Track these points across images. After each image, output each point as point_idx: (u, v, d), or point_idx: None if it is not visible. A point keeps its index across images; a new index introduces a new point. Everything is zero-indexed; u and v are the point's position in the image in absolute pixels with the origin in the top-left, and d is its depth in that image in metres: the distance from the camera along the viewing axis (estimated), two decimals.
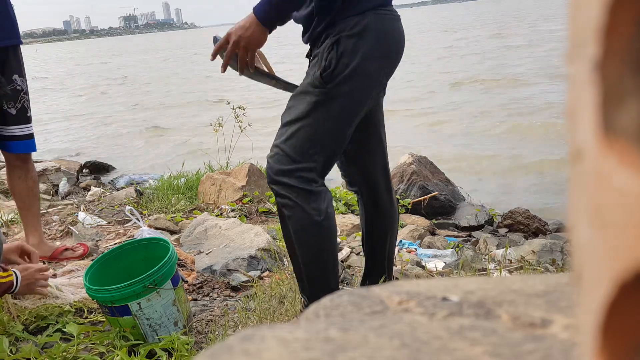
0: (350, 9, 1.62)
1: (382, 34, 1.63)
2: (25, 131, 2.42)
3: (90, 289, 1.77)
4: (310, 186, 1.62)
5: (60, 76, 22.86)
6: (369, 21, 1.61)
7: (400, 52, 1.72)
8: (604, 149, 0.16)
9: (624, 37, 0.16)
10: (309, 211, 1.62)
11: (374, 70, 1.64)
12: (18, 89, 2.36)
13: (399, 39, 1.70)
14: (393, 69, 1.73)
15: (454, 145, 6.18)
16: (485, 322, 0.42)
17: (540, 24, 24.65)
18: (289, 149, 1.62)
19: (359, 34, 1.60)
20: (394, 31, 1.68)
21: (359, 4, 1.62)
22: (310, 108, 1.61)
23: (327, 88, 1.60)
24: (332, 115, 1.62)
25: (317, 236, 1.66)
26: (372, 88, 1.67)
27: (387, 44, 1.66)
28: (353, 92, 1.62)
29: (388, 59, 1.68)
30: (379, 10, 1.63)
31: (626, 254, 0.15)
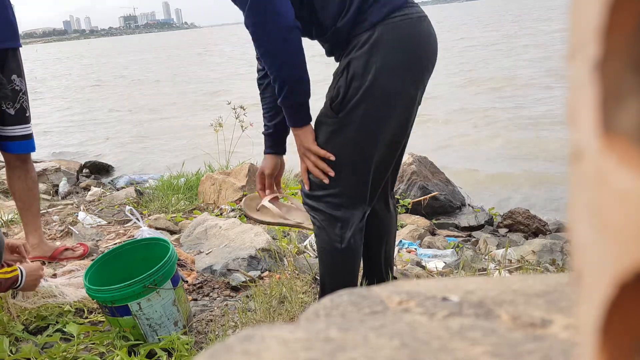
0: (359, 24, 1.54)
1: (397, 42, 1.52)
2: (24, 131, 2.42)
3: (90, 289, 1.77)
4: (336, 212, 1.63)
5: (60, 76, 22.85)
6: (379, 35, 1.51)
7: (425, 55, 1.59)
8: (604, 149, 0.16)
9: (624, 37, 0.16)
10: (332, 236, 1.65)
11: (394, 84, 1.54)
12: (17, 89, 2.36)
13: (420, 42, 1.57)
14: (422, 76, 1.60)
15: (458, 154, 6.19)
16: (485, 322, 0.42)
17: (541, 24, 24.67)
18: (316, 177, 1.63)
19: (368, 51, 1.52)
20: (414, 35, 1.55)
21: (366, 19, 1.53)
22: (327, 137, 1.60)
23: (339, 117, 1.56)
24: (350, 141, 1.57)
25: (336, 261, 1.69)
26: (396, 102, 1.57)
27: (406, 52, 1.54)
28: (369, 114, 1.55)
29: (410, 68, 1.55)
30: (391, 18, 1.52)
31: (626, 254, 0.15)
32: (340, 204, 1.62)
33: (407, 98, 1.58)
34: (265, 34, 1.49)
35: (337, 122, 1.57)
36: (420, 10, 1.59)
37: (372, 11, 1.52)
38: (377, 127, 1.58)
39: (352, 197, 1.63)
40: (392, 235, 1.96)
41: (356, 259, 1.71)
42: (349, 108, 1.55)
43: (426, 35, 1.59)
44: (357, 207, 1.65)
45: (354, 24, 1.54)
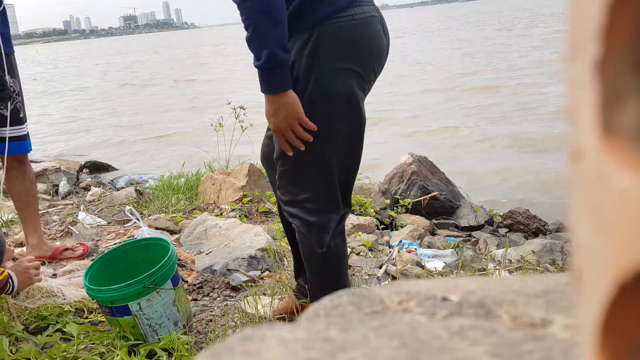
0: (299, 22, 1.49)
1: (338, 45, 1.49)
2: (19, 132, 2.42)
3: (90, 289, 1.77)
4: (313, 217, 1.62)
5: (60, 76, 22.86)
6: (318, 37, 1.47)
7: (369, 57, 1.55)
8: (604, 149, 0.16)
9: (624, 37, 0.16)
10: (312, 242, 1.64)
11: (340, 85, 1.51)
12: (11, 90, 2.36)
13: (364, 44, 1.53)
14: (368, 74, 1.57)
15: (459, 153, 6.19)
16: (485, 322, 0.42)
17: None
18: (285, 182, 1.63)
19: (308, 55, 1.48)
20: (358, 38, 1.51)
21: (305, 18, 1.48)
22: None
23: None
24: (307, 145, 1.53)
25: (319, 266, 1.68)
26: (345, 101, 1.54)
27: (349, 55, 1.50)
28: (321, 113, 1.51)
29: (355, 69, 1.52)
30: (333, 19, 1.48)
31: (626, 254, 0.15)
32: (315, 209, 1.61)
33: (352, 96, 1.54)
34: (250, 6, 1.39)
35: None
36: (369, 10, 1.54)
37: (313, 9, 1.48)
38: (328, 128, 1.53)
39: (324, 202, 1.61)
40: None
41: (340, 261, 1.69)
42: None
43: (370, 37, 1.54)
44: (332, 211, 1.63)
45: (294, 18, 1.48)
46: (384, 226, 3.54)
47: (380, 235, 3.24)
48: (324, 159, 1.57)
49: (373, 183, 3.82)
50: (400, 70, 13.06)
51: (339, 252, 1.68)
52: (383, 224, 3.55)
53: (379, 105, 8.42)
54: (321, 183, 1.60)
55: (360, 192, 3.72)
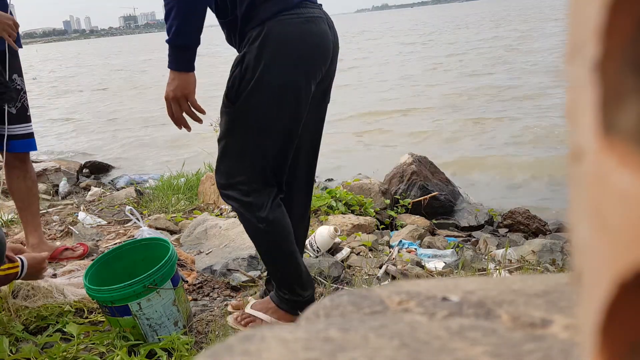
0: (251, 19, 1.62)
1: (285, 38, 1.61)
2: (26, 130, 2.43)
3: (90, 289, 1.77)
4: (248, 197, 1.72)
5: (60, 76, 22.86)
6: (268, 30, 1.60)
7: (314, 52, 1.67)
8: (604, 149, 0.16)
9: (624, 37, 0.16)
10: (252, 220, 1.73)
11: (282, 77, 1.63)
12: (18, 88, 2.36)
13: (308, 39, 1.65)
14: (313, 70, 1.68)
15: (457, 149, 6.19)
16: (485, 322, 0.42)
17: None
18: (223, 165, 1.74)
19: (259, 46, 1.60)
20: (303, 33, 1.63)
21: (257, 15, 1.61)
22: (228, 127, 1.69)
23: (236, 106, 1.65)
24: (250, 129, 1.67)
25: (265, 242, 1.78)
26: (288, 94, 1.65)
27: (293, 49, 1.62)
28: (264, 103, 1.64)
29: (298, 63, 1.64)
30: (281, 15, 1.61)
31: (626, 254, 0.15)
32: (250, 190, 1.71)
33: (297, 90, 1.66)
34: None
35: (234, 112, 1.67)
36: (316, 12, 1.68)
37: (264, 8, 1.61)
38: (268, 118, 1.67)
39: (258, 183, 1.71)
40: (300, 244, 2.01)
41: (282, 230, 1.77)
42: (242, 98, 1.64)
43: (316, 34, 1.67)
44: (266, 190, 1.73)
45: (247, 18, 1.62)
46: (384, 226, 3.54)
47: (380, 235, 3.24)
48: (261, 146, 1.69)
49: (373, 183, 3.82)
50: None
51: (280, 221, 1.76)
52: (383, 224, 3.55)
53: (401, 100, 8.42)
54: (255, 168, 1.71)
55: (360, 192, 3.72)
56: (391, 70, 13.68)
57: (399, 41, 25.08)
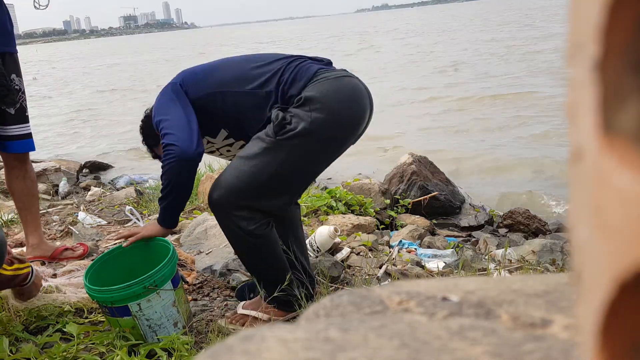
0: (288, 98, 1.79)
1: (326, 95, 1.74)
2: (24, 130, 2.42)
3: (90, 289, 1.77)
4: (242, 212, 1.78)
5: (60, 77, 22.86)
6: (306, 94, 1.75)
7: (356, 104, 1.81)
8: (604, 149, 0.16)
9: (624, 37, 0.16)
10: (240, 233, 1.80)
11: (328, 130, 1.75)
12: (16, 88, 2.36)
13: (346, 93, 1.78)
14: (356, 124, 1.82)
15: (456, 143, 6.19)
16: (485, 322, 0.42)
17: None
18: (234, 181, 1.78)
19: (302, 104, 1.74)
20: (338, 87, 1.78)
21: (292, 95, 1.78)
22: (259, 151, 1.77)
23: (277, 139, 1.75)
24: (278, 161, 1.76)
25: (253, 254, 1.86)
26: (328, 146, 1.81)
27: (336, 103, 1.76)
28: (302, 147, 1.75)
29: (342, 117, 1.77)
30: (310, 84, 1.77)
31: (626, 254, 0.15)
32: (247, 206, 1.79)
33: (339, 144, 1.83)
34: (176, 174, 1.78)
35: (273, 142, 1.75)
36: (338, 72, 1.83)
37: (293, 88, 1.79)
38: (305, 161, 1.81)
39: (259, 206, 1.80)
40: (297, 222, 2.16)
41: (270, 246, 1.85)
42: (287, 136, 1.74)
43: (350, 87, 1.81)
44: (264, 213, 1.82)
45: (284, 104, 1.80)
46: (384, 226, 3.54)
47: (380, 235, 3.24)
48: (288, 180, 1.82)
49: (373, 183, 3.82)
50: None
51: (266, 238, 1.84)
52: (383, 224, 3.55)
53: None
54: (273, 190, 1.81)
55: (360, 192, 3.72)
56: (394, 69, 13.69)
57: (407, 41, 25.09)
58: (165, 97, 1.90)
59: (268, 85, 1.81)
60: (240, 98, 1.85)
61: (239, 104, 1.86)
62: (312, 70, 1.81)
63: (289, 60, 1.86)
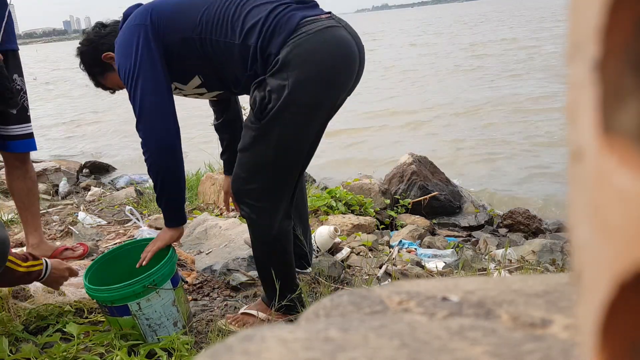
0: (267, 60, 1.67)
1: (303, 57, 1.62)
2: (26, 130, 2.43)
3: (90, 289, 1.77)
4: (261, 203, 1.78)
5: (61, 77, 22.85)
6: (283, 57, 1.62)
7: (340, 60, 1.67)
8: (604, 149, 0.16)
9: (624, 37, 0.16)
10: (262, 225, 1.80)
11: (309, 97, 1.66)
12: (18, 88, 2.36)
13: (326, 50, 1.65)
14: (342, 81, 1.71)
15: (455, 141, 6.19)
16: (485, 322, 0.42)
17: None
18: (243, 173, 1.78)
19: (279, 70, 1.63)
20: (317, 48, 1.64)
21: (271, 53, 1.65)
22: (251, 141, 1.73)
23: (262, 123, 1.69)
24: (271, 146, 1.71)
25: (270, 249, 1.84)
26: (313, 114, 1.70)
27: (313, 64, 1.63)
28: (288, 123, 1.68)
29: (322, 78, 1.65)
30: (289, 40, 1.63)
31: (626, 254, 0.15)
32: (264, 197, 1.78)
33: (323, 109, 1.72)
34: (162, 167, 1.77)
35: (259, 129, 1.70)
36: (323, 23, 1.66)
37: (272, 44, 1.65)
38: (295, 136, 1.72)
39: (274, 192, 1.78)
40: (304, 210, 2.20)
41: (288, 241, 1.86)
42: (270, 117, 1.66)
43: (333, 42, 1.66)
44: (279, 199, 1.80)
45: (263, 63, 1.68)
46: (384, 226, 3.54)
47: (380, 235, 3.24)
48: (287, 160, 1.76)
49: (373, 183, 3.82)
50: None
51: (288, 232, 1.84)
52: (383, 224, 3.55)
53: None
54: (276, 180, 1.78)
55: (360, 192, 3.72)
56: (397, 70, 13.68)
57: (414, 41, 25.08)
58: (136, 48, 1.72)
59: (249, 37, 1.67)
60: (220, 47, 1.71)
61: (219, 54, 1.73)
62: (293, 22, 1.65)
63: (272, 7, 1.68)
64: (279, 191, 1.79)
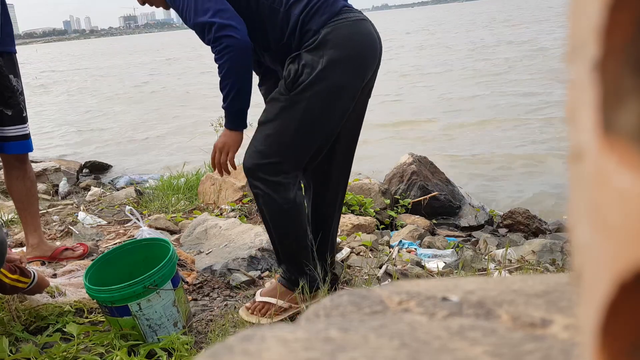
0: (305, 35, 1.77)
1: (340, 40, 1.74)
2: (22, 131, 2.42)
3: (90, 289, 1.77)
4: (277, 177, 1.81)
5: (61, 77, 22.86)
6: (323, 36, 1.73)
7: (366, 51, 1.80)
8: (604, 149, 0.16)
9: (624, 37, 0.16)
10: (279, 200, 1.82)
11: (340, 77, 1.76)
12: (15, 89, 2.36)
13: (360, 40, 1.79)
14: (365, 70, 1.81)
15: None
16: (485, 322, 0.42)
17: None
18: (261, 146, 1.81)
19: (316, 48, 1.74)
20: (354, 35, 1.77)
21: (311, 29, 1.75)
22: (277, 112, 1.79)
23: (291, 95, 1.76)
24: (297, 118, 1.77)
25: (287, 222, 1.86)
26: (341, 94, 1.79)
27: (347, 49, 1.75)
28: (316, 97, 1.75)
29: (353, 63, 1.77)
30: (331, 22, 1.75)
31: (626, 254, 0.15)
32: (280, 171, 1.81)
33: (351, 91, 1.81)
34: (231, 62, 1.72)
35: (288, 99, 1.77)
36: (358, 15, 1.81)
37: (314, 21, 1.76)
38: (321, 112, 1.79)
39: (290, 166, 1.82)
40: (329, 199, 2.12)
41: (302, 213, 1.90)
42: (300, 89, 1.75)
43: (365, 34, 1.81)
44: (294, 173, 1.85)
45: (300, 37, 1.77)
46: (384, 226, 3.54)
47: (380, 235, 3.24)
48: (309, 133, 1.81)
49: (373, 183, 3.82)
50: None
51: (301, 204, 1.89)
52: (383, 224, 3.55)
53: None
54: (292, 153, 1.81)
55: (360, 192, 3.72)
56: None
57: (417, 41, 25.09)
58: None
59: (294, 8, 1.76)
60: (264, 9, 1.78)
61: (261, 15, 1.79)
62: (337, 6, 1.78)
63: None
64: (296, 165, 1.83)
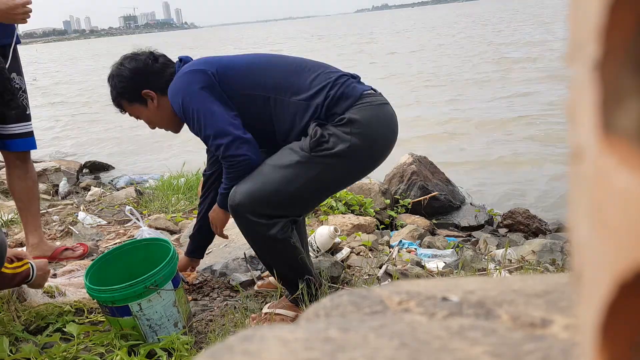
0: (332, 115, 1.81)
1: (367, 122, 1.79)
2: (25, 129, 2.43)
3: (91, 289, 1.77)
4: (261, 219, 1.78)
5: (61, 77, 22.86)
6: (349, 116, 1.77)
7: (390, 132, 1.87)
8: (604, 149, 0.16)
9: (624, 37, 0.16)
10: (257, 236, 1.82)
11: (360, 160, 1.81)
12: (17, 87, 2.36)
13: (384, 122, 1.85)
14: (387, 150, 1.90)
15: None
16: (485, 322, 0.42)
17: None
18: (261, 186, 1.78)
19: (345, 124, 1.77)
20: (379, 117, 1.83)
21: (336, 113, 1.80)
22: (291, 163, 1.78)
23: (311, 154, 1.76)
24: (307, 177, 1.78)
25: (278, 255, 1.86)
26: (356, 173, 1.89)
27: (375, 129, 1.81)
28: (333, 168, 1.79)
29: (376, 151, 1.85)
30: (355, 106, 1.80)
31: (626, 254, 0.15)
32: (269, 214, 1.80)
33: (366, 172, 1.91)
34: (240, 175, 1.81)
35: (307, 157, 1.77)
36: (378, 99, 1.87)
37: (338, 107, 1.80)
38: (331, 181, 1.86)
39: (279, 212, 1.81)
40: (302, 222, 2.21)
41: (293, 245, 1.86)
42: (322, 154, 1.76)
43: (388, 116, 1.88)
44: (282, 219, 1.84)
45: (325, 118, 1.81)
46: (384, 226, 3.54)
47: (380, 235, 3.24)
48: (315, 195, 1.88)
49: (373, 183, 3.82)
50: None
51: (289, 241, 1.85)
52: (383, 224, 3.54)
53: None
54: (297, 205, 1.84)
55: (360, 192, 3.72)
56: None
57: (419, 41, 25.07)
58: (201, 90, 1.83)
59: (316, 98, 1.81)
60: (285, 106, 1.84)
61: (280, 112, 1.85)
62: (358, 91, 1.83)
63: (336, 76, 1.86)
64: (285, 213, 1.81)
